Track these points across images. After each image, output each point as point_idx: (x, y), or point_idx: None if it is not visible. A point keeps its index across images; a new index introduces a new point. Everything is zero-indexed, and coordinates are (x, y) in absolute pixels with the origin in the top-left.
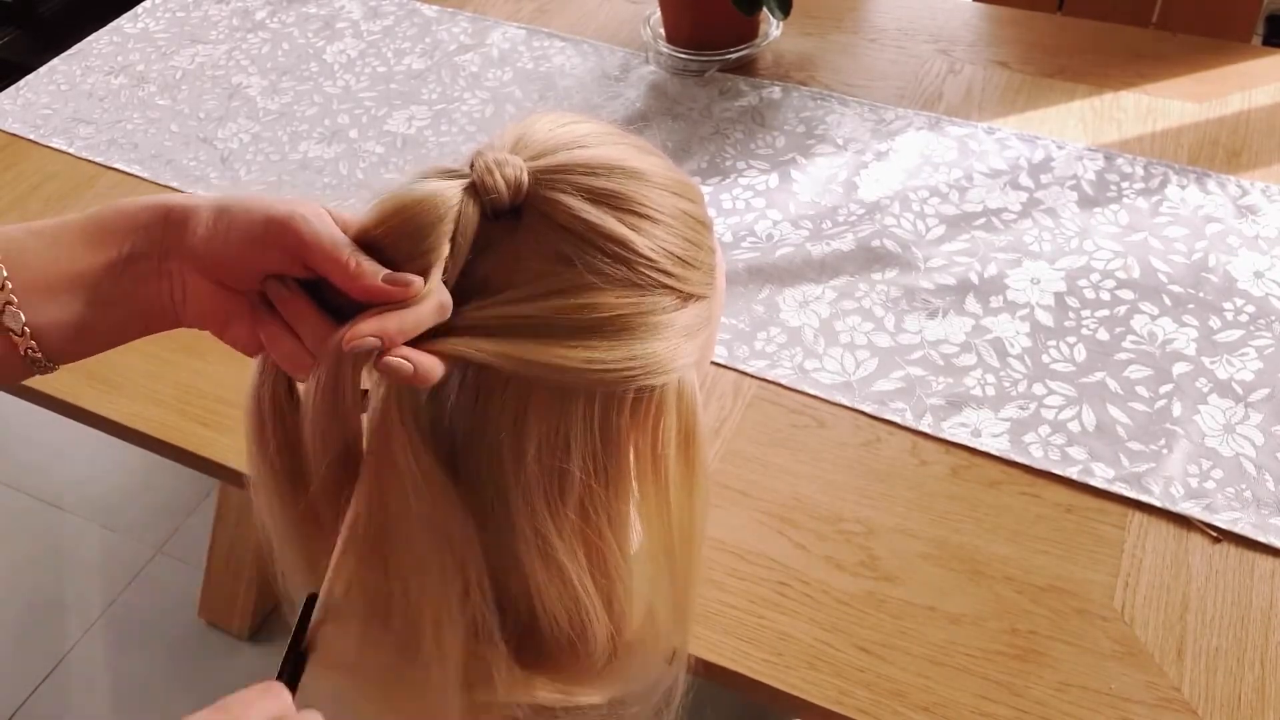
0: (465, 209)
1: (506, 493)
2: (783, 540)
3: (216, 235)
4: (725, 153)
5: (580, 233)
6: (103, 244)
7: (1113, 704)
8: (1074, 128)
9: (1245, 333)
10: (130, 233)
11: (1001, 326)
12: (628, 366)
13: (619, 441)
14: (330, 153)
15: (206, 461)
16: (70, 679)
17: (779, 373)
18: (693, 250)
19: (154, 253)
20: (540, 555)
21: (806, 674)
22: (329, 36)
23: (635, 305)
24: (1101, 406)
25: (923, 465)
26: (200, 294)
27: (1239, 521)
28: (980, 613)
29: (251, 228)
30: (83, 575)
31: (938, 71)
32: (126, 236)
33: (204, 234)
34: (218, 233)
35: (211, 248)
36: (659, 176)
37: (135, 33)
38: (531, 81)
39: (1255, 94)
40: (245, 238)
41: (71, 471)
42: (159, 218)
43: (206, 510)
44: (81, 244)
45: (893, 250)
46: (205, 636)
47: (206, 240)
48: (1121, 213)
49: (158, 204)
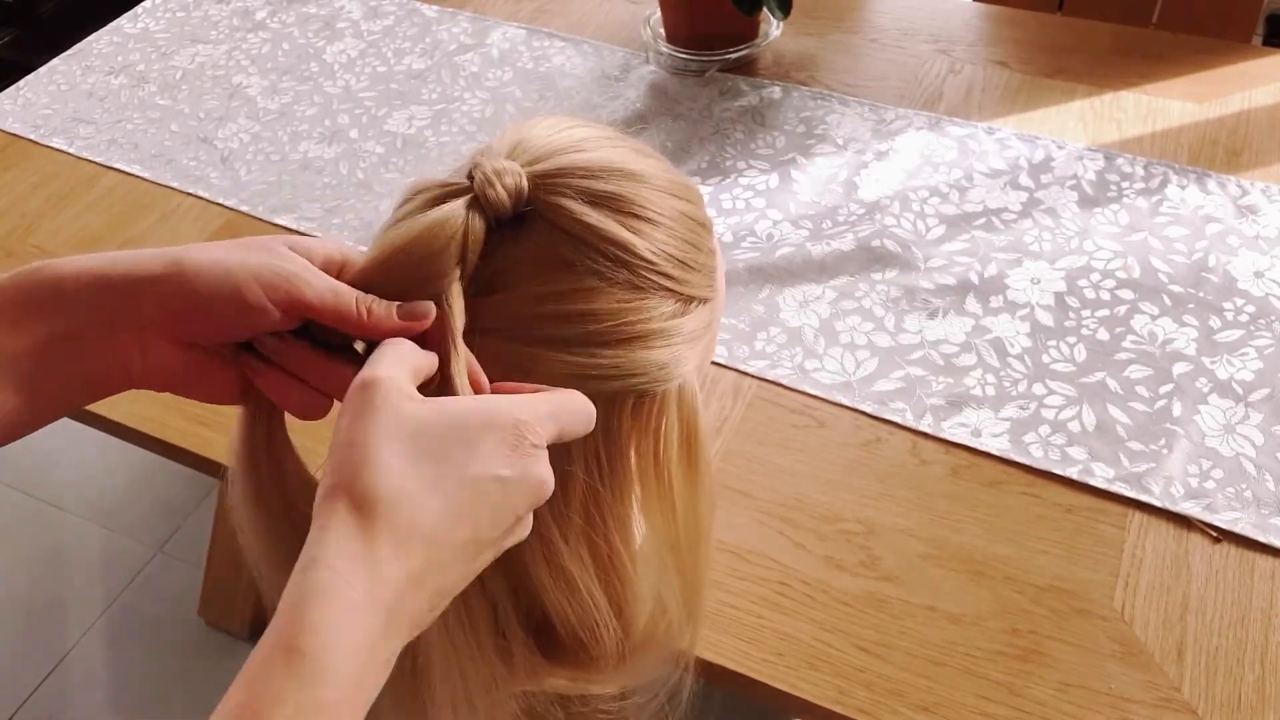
0: (471, 224)
1: None
2: (783, 540)
3: (183, 301)
4: (725, 153)
5: (581, 236)
6: (24, 324)
7: (1113, 704)
8: (1074, 128)
9: (1245, 333)
10: (55, 309)
11: (1001, 326)
12: (628, 370)
13: (621, 444)
14: (330, 153)
15: (206, 461)
16: (70, 678)
17: (779, 373)
18: (693, 252)
19: (94, 326)
20: (546, 560)
21: (806, 674)
22: (329, 36)
23: (636, 309)
24: (1102, 406)
25: (923, 465)
26: (163, 359)
27: (1239, 521)
28: (980, 613)
29: (235, 292)
30: (83, 575)
31: (938, 71)
32: (52, 312)
33: (167, 303)
34: (184, 299)
35: (181, 316)
36: (658, 179)
37: (135, 33)
38: (531, 81)
39: (1255, 94)
40: (228, 303)
41: (71, 472)
42: (94, 289)
43: (206, 510)
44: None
45: (893, 250)
46: (205, 636)
47: (172, 309)
48: (1121, 213)
49: (84, 272)
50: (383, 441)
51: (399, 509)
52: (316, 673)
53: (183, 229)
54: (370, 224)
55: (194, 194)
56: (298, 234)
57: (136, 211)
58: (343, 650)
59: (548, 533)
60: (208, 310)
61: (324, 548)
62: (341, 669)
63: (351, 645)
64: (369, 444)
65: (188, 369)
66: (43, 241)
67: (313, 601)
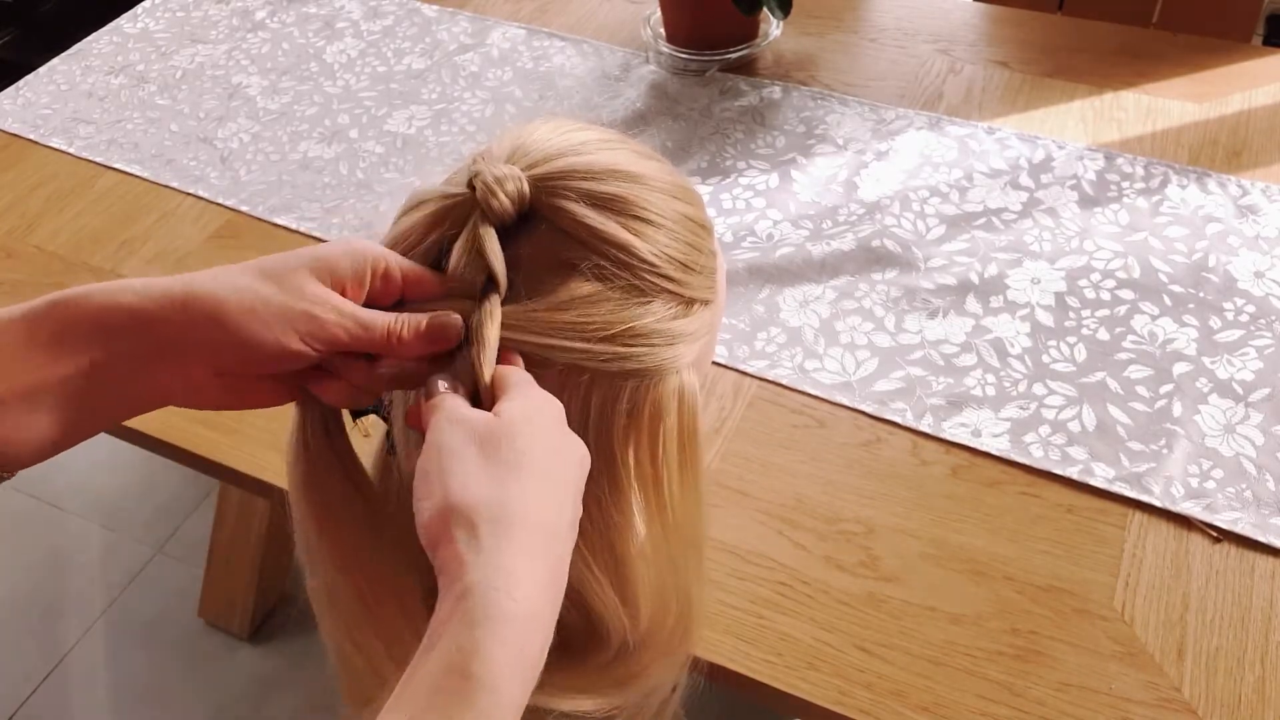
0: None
1: None
2: (783, 540)
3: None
4: (725, 153)
5: (583, 239)
6: (62, 350)
7: (1113, 704)
8: (1074, 127)
9: (1245, 332)
10: (97, 338)
11: (1002, 326)
12: (628, 369)
13: (619, 441)
14: (330, 152)
15: (207, 462)
16: (70, 679)
17: (779, 373)
18: (694, 254)
19: (136, 359)
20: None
21: (807, 674)
22: (329, 36)
23: (637, 315)
24: (1102, 406)
25: (923, 465)
26: (204, 383)
27: (1239, 521)
28: (980, 613)
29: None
30: (83, 575)
31: (938, 71)
32: (93, 342)
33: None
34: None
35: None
36: (659, 181)
37: (135, 33)
38: (531, 81)
39: (1255, 94)
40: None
41: (72, 472)
42: (136, 324)
43: (206, 510)
44: (31, 349)
45: (893, 250)
46: (205, 636)
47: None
48: (1122, 212)
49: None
50: (459, 458)
51: (511, 514)
52: (494, 701)
53: (182, 229)
54: (370, 224)
55: (194, 194)
56: (298, 235)
57: (136, 211)
58: (512, 673)
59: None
60: (250, 355)
61: (472, 571)
62: (515, 693)
63: (522, 664)
64: (447, 467)
65: (230, 391)
66: (42, 242)
67: (483, 625)
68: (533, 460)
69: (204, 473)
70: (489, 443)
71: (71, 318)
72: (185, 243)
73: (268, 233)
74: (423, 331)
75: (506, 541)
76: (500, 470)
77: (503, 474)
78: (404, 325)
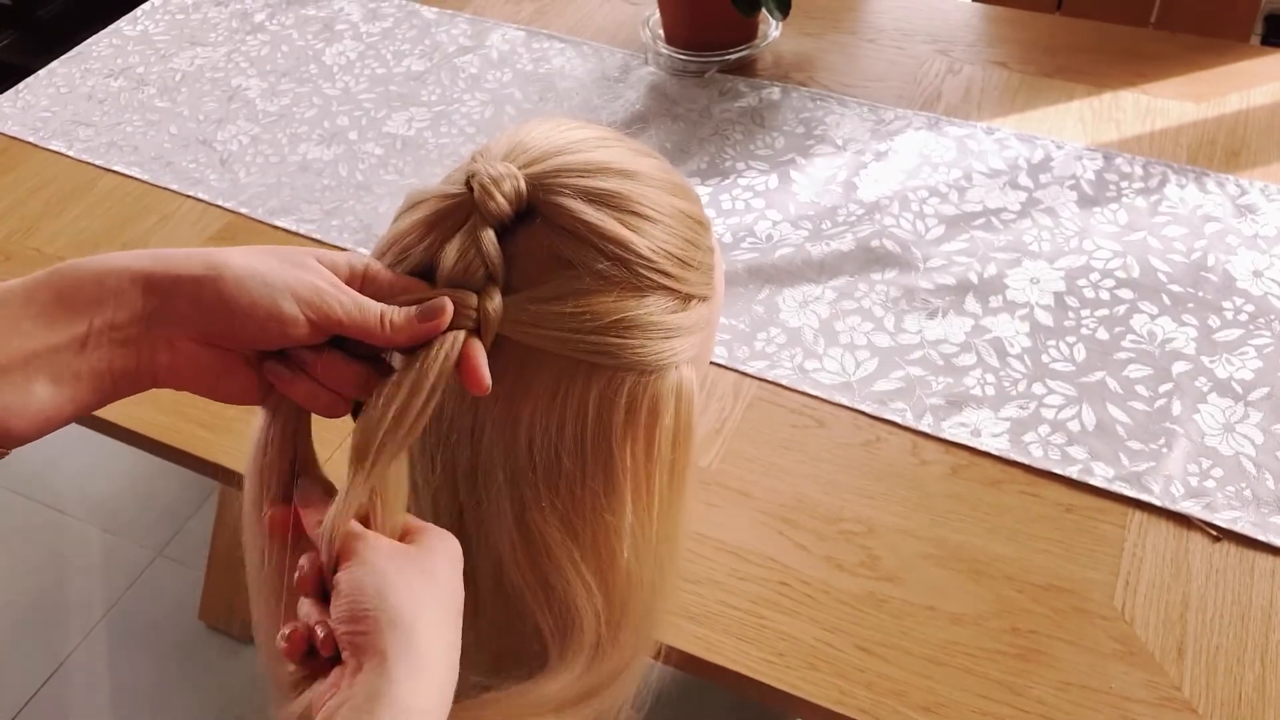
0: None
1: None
2: (783, 540)
3: (221, 306)
4: (725, 153)
5: (580, 235)
6: (63, 317)
7: (1113, 703)
8: (1073, 127)
9: (1244, 332)
10: (97, 303)
11: (1001, 326)
12: (624, 361)
13: (617, 441)
14: (329, 154)
15: (207, 464)
16: (71, 681)
17: (779, 373)
18: (691, 250)
19: (131, 322)
20: (527, 552)
21: (807, 674)
22: (328, 38)
23: (634, 308)
24: (1101, 406)
25: (923, 465)
26: (189, 357)
27: (1239, 520)
28: (980, 612)
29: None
30: (83, 578)
31: (937, 72)
32: (94, 307)
33: (205, 305)
34: (222, 304)
35: (217, 320)
36: (656, 177)
37: (134, 35)
38: (531, 83)
39: (1254, 94)
40: (264, 313)
41: (72, 475)
42: (135, 285)
43: (207, 513)
44: (33, 318)
45: (892, 250)
46: (205, 639)
47: (209, 312)
48: (1121, 212)
49: (126, 269)
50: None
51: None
52: None
53: (182, 231)
54: (369, 225)
55: (193, 196)
56: (297, 237)
57: (136, 214)
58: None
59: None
60: (246, 317)
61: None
62: None
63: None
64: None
65: (212, 369)
66: (42, 244)
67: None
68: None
69: (204, 475)
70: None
71: (69, 282)
72: (185, 245)
73: (267, 235)
74: (414, 314)
75: (397, 673)
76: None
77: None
78: (396, 310)
